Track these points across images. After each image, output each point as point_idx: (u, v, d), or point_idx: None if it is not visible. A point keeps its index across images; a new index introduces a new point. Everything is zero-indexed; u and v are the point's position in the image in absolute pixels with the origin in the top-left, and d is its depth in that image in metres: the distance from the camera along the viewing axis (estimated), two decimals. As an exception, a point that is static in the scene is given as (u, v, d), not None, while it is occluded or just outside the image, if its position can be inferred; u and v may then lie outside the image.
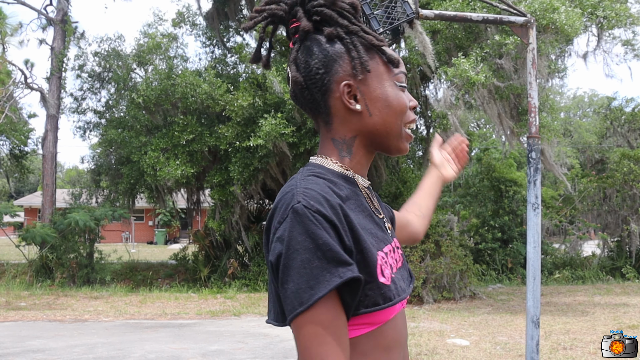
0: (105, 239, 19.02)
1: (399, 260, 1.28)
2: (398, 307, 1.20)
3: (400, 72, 1.29)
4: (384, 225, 1.28)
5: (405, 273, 1.30)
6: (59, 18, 16.89)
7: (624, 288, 13.85)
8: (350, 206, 1.16)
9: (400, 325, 1.23)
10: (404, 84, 1.29)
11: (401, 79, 1.28)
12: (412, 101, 1.31)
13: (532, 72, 4.63)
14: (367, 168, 1.31)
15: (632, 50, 12.82)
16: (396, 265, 1.24)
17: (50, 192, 16.34)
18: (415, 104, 1.31)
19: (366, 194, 1.28)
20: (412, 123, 1.30)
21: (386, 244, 1.23)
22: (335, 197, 1.10)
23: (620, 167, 16.19)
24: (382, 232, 1.25)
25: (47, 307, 11.35)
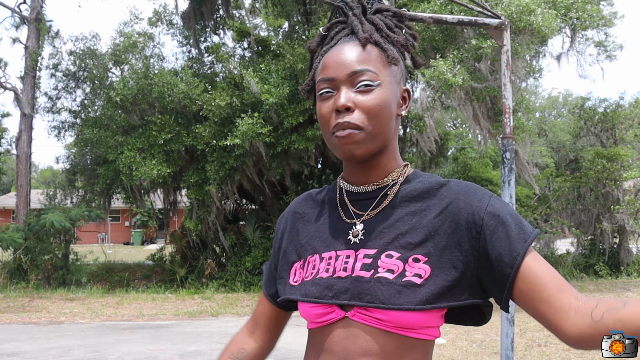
0: (81, 240, 18.84)
1: (348, 268, 1.20)
2: (331, 316, 1.20)
3: (319, 81, 1.25)
4: (346, 231, 1.25)
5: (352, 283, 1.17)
6: (33, 16, 16.67)
7: (597, 285, 14.07)
8: (308, 214, 1.38)
9: (338, 337, 1.19)
10: (323, 91, 1.24)
11: (320, 87, 1.25)
12: (337, 102, 1.20)
13: (507, 73, 4.70)
14: (354, 174, 1.30)
15: (605, 52, 13.03)
16: (335, 271, 1.21)
17: (25, 193, 16.13)
18: (342, 104, 1.19)
19: (341, 199, 1.32)
20: (336, 129, 1.21)
21: (331, 250, 1.26)
22: (290, 209, 1.44)
23: (594, 165, 16.44)
24: (335, 238, 1.27)
25: (22, 310, 11.22)
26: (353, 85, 1.21)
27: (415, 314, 1.13)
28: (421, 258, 1.16)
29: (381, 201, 1.26)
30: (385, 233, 1.21)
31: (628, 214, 16.07)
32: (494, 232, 1.15)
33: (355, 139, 1.20)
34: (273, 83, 12.23)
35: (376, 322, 1.15)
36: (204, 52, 17.11)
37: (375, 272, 1.16)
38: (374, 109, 1.20)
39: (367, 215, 1.25)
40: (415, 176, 1.30)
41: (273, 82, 12.25)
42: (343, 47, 1.24)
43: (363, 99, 1.20)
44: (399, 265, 1.16)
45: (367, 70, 1.21)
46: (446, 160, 18.01)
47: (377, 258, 1.18)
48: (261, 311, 1.47)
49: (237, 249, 15.13)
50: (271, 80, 12.32)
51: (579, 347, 1.13)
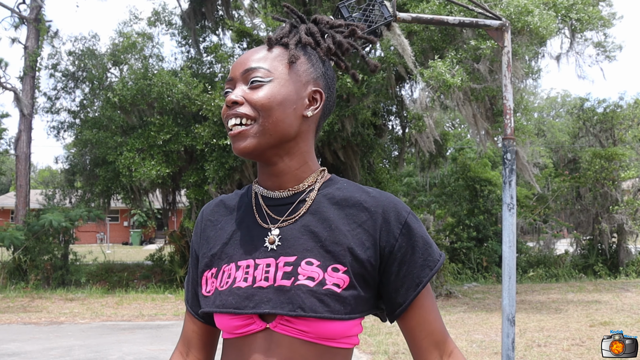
0: (80, 240, 18.81)
1: (270, 278, 1.18)
2: (251, 327, 1.18)
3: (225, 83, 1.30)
4: (262, 238, 1.24)
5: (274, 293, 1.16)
6: (32, 16, 16.67)
7: (596, 285, 14.10)
8: (220, 220, 1.34)
9: (259, 348, 1.17)
10: (226, 91, 1.28)
11: (224, 89, 1.29)
12: (227, 99, 1.24)
13: (507, 74, 4.71)
14: (267, 178, 1.29)
15: (604, 52, 13.05)
16: (256, 281, 1.19)
17: (24, 193, 16.12)
18: (229, 98, 1.23)
19: (257, 204, 1.30)
20: (226, 119, 1.24)
21: (248, 258, 1.23)
22: (201, 217, 1.38)
23: (592, 166, 16.47)
24: (251, 245, 1.24)
25: (22, 310, 11.22)
26: (246, 82, 1.24)
27: (337, 323, 1.15)
28: (340, 268, 1.17)
29: (298, 207, 1.25)
30: (303, 240, 1.20)
31: (627, 214, 16.11)
32: (405, 255, 1.21)
33: (243, 133, 1.21)
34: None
35: (298, 332, 1.15)
36: (203, 52, 17.12)
37: (295, 280, 1.16)
38: (261, 101, 1.21)
39: (283, 222, 1.24)
40: (333, 182, 1.30)
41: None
42: (249, 50, 1.30)
43: (252, 94, 1.22)
44: (319, 273, 1.16)
45: (259, 67, 1.23)
46: (445, 160, 18.02)
47: (297, 265, 1.17)
48: (191, 330, 1.37)
49: (236, 249, 15.11)
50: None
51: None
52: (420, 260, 1.21)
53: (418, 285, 1.21)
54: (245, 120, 1.21)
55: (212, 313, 1.24)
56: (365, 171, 15.09)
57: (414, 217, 1.24)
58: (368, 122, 13.35)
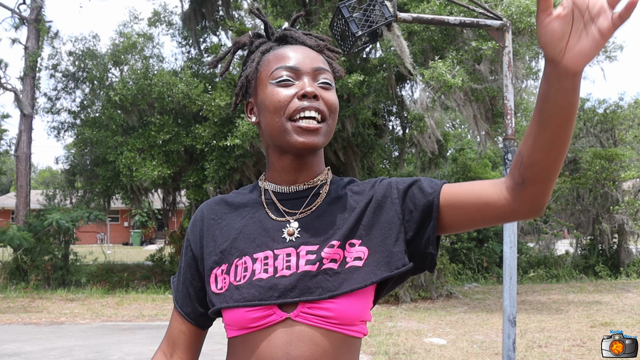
0: (81, 241, 18.83)
1: (292, 266, 1.19)
2: (271, 319, 1.17)
3: (276, 69, 1.26)
4: (279, 230, 1.25)
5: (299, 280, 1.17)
6: (32, 17, 16.67)
7: (596, 286, 14.09)
8: (224, 218, 1.32)
9: (279, 342, 1.16)
10: (283, 78, 1.25)
11: (277, 75, 1.25)
12: (304, 88, 1.23)
13: (508, 74, 4.71)
14: (286, 172, 1.30)
15: (604, 52, 13.04)
16: (277, 271, 1.19)
17: (25, 194, 16.12)
18: (306, 91, 1.22)
19: (268, 199, 1.31)
20: (296, 113, 1.22)
21: (265, 250, 1.23)
22: (201, 216, 1.36)
23: (593, 166, 16.46)
24: (267, 237, 1.25)
25: (22, 310, 11.22)
26: (315, 80, 1.26)
27: (360, 300, 1.18)
28: (355, 242, 1.22)
29: (313, 199, 1.29)
30: (323, 229, 1.24)
31: (627, 214, 16.09)
32: (409, 189, 1.26)
33: (319, 130, 1.22)
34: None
35: (320, 320, 1.16)
36: (203, 53, 17.13)
37: (320, 265, 1.18)
38: (334, 105, 1.26)
39: (301, 214, 1.27)
40: (336, 179, 1.36)
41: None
42: (300, 47, 1.30)
43: (326, 93, 1.25)
44: (340, 254, 1.20)
45: (327, 70, 1.29)
46: (445, 160, 18.00)
47: (320, 251, 1.20)
48: (179, 330, 1.35)
49: (236, 249, 15.11)
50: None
51: (523, 204, 1.13)
52: (425, 183, 1.28)
53: (434, 189, 1.25)
54: (320, 117, 1.23)
55: (218, 310, 1.24)
56: (365, 172, 15.08)
57: (395, 179, 1.32)
58: (368, 122, 13.34)
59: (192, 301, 1.33)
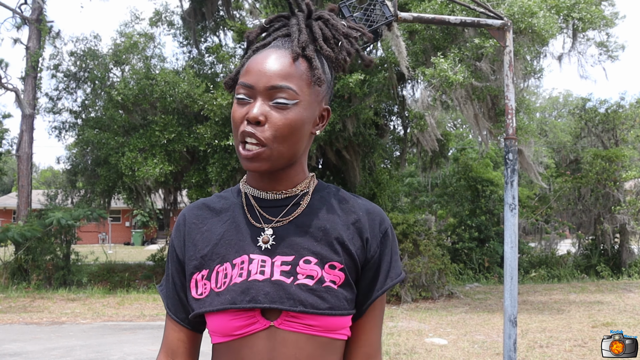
0: (82, 240, 18.84)
1: (266, 272, 1.19)
2: (254, 327, 1.17)
3: (239, 84, 1.22)
4: (255, 237, 1.24)
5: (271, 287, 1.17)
6: (34, 17, 16.68)
7: (598, 286, 14.07)
8: (206, 222, 1.30)
9: (262, 348, 1.17)
10: (239, 96, 1.21)
11: (238, 91, 1.22)
12: (250, 112, 1.18)
13: (509, 74, 4.70)
14: (260, 180, 1.28)
15: (606, 52, 13.01)
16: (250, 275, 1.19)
17: (26, 194, 16.13)
18: (253, 116, 1.17)
19: (248, 204, 1.29)
20: (242, 137, 1.19)
21: (242, 254, 1.22)
22: (183, 220, 1.33)
23: (593, 167, 16.44)
24: (244, 242, 1.24)
25: (24, 310, 11.22)
26: (270, 99, 1.19)
27: (337, 318, 1.19)
28: (337, 265, 1.21)
29: (292, 209, 1.27)
30: (299, 241, 1.22)
31: (629, 214, 16.07)
32: (379, 261, 1.27)
33: (259, 156, 1.19)
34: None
35: (305, 327, 1.17)
36: (204, 53, 17.13)
37: (295, 279, 1.18)
38: (283, 129, 1.19)
39: (277, 222, 1.25)
40: (323, 187, 1.33)
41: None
42: (270, 54, 1.22)
43: (276, 116, 1.18)
44: (318, 271, 1.19)
45: (286, 87, 1.19)
46: (447, 160, 18.00)
47: (296, 265, 1.19)
48: (176, 338, 1.32)
49: (237, 249, 15.10)
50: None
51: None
52: (386, 269, 1.28)
53: (379, 290, 1.26)
54: (259, 143, 1.19)
55: (202, 316, 1.24)
56: (366, 172, 15.07)
57: (392, 230, 1.31)
58: (370, 122, 13.33)
59: (185, 307, 1.31)
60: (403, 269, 1.35)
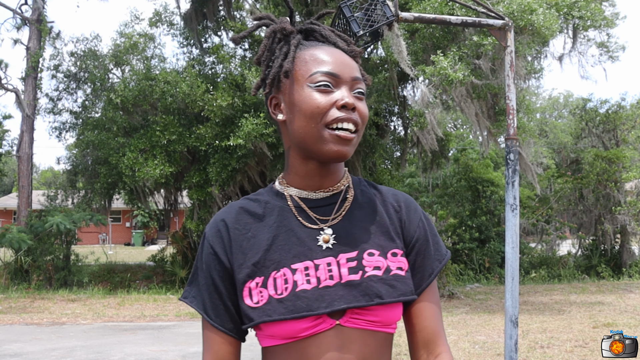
0: (82, 241, 18.84)
1: (335, 276, 1.19)
2: (321, 327, 1.17)
3: (315, 72, 1.23)
4: (314, 238, 1.24)
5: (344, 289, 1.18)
6: (34, 18, 16.68)
7: (599, 287, 14.06)
8: (249, 229, 1.27)
9: (330, 346, 1.17)
10: (323, 83, 1.22)
11: (316, 79, 1.22)
12: (341, 100, 1.21)
13: (510, 74, 4.69)
14: (310, 178, 1.28)
15: (607, 52, 13.00)
16: (320, 282, 1.19)
17: (26, 194, 16.13)
18: (345, 102, 1.20)
19: (297, 206, 1.28)
20: (335, 122, 1.20)
21: (304, 260, 1.21)
22: (223, 226, 1.28)
23: (594, 167, 16.44)
24: (303, 247, 1.23)
25: (24, 311, 11.21)
26: (352, 89, 1.25)
27: (398, 306, 1.23)
28: (398, 252, 1.26)
29: (341, 205, 1.29)
30: (357, 235, 1.25)
31: (630, 215, 16.06)
32: (421, 246, 1.30)
33: (352, 140, 1.23)
34: (274, 83, 12.19)
35: (368, 324, 1.19)
36: (204, 53, 17.12)
37: (364, 273, 1.20)
38: (366, 116, 1.26)
39: (333, 220, 1.26)
40: (358, 181, 1.37)
41: (274, 83, 12.21)
42: (336, 50, 1.28)
43: (360, 104, 1.25)
44: (383, 262, 1.22)
45: (363, 79, 1.28)
46: (447, 161, 17.99)
47: (361, 259, 1.22)
48: (227, 351, 1.26)
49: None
50: (273, 81, 12.28)
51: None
52: (432, 252, 1.31)
53: (430, 274, 1.29)
54: (354, 129, 1.23)
55: (258, 324, 1.20)
56: (367, 172, 15.06)
57: (425, 214, 1.35)
58: (370, 122, 13.32)
59: (233, 316, 1.26)
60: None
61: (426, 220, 1.33)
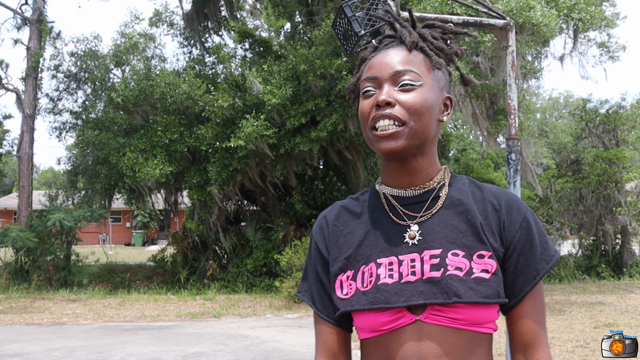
0: (83, 241, 18.81)
1: (417, 272, 1.22)
2: (401, 321, 1.20)
3: (362, 81, 1.32)
4: (401, 234, 1.27)
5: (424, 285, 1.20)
6: (34, 18, 16.68)
7: (599, 287, 14.05)
8: (347, 225, 1.35)
9: (410, 341, 1.20)
10: (366, 89, 1.29)
11: (362, 87, 1.31)
12: (377, 97, 1.26)
13: (512, 74, 4.69)
14: (398, 176, 1.32)
15: (607, 53, 13.01)
16: (402, 277, 1.22)
17: (27, 194, 16.13)
18: (382, 99, 1.24)
19: (389, 204, 1.32)
20: (374, 121, 1.26)
21: (389, 255, 1.26)
22: (324, 223, 1.39)
23: (594, 168, 16.42)
24: (390, 243, 1.27)
25: (24, 311, 11.21)
26: (396, 84, 1.26)
27: (487, 307, 1.20)
28: (485, 254, 1.22)
29: (433, 203, 1.30)
30: (445, 233, 1.25)
31: (630, 215, 16.05)
32: (524, 247, 1.25)
33: (397, 134, 1.23)
34: (275, 84, 12.20)
35: (449, 321, 1.19)
36: (205, 53, 17.11)
37: (445, 271, 1.20)
38: (415, 105, 1.24)
39: (421, 217, 1.28)
40: (456, 179, 1.36)
41: (275, 83, 12.22)
42: (389, 51, 1.31)
43: (405, 96, 1.25)
44: (466, 263, 1.21)
45: (409, 70, 1.26)
46: (448, 161, 18.00)
47: (444, 257, 1.22)
48: (334, 340, 1.34)
49: (238, 250, 15.12)
50: (274, 81, 12.29)
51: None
52: (538, 253, 1.26)
53: (535, 277, 1.25)
54: (394, 122, 1.24)
55: (349, 315, 1.28)
56: (368, 172, 15.06)
57: (532, 213, 1.30)
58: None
59: (334, 306, 1.34)
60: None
61: (533, 219, 1.29)
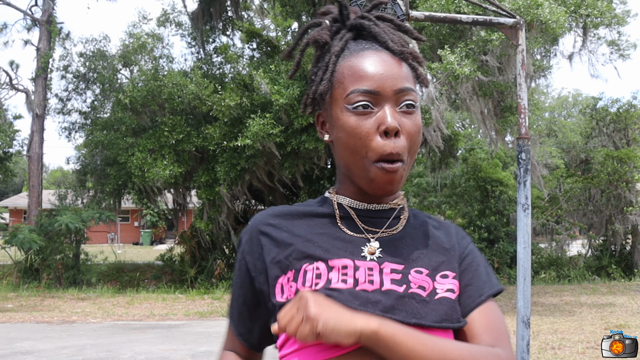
0: (91, 240, 18.90)
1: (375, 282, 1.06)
2: None
3: (352, 92, 1.08)
4: (358, 246, 1.11)
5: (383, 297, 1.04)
6: (44, 19, 16.75)
7: (609, 287, 13.97)
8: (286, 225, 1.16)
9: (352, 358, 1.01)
10: (361, 104, 1.07)
11: (353, 100, 1.08)
12: (385, 123, 1.05)
13: (522, 73, 4.66)
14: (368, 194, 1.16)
15: (617, 51, 12.91)
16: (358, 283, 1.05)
17: (37, 194, 16.21)
18: (393, 126, 1.05)
19: (344, 215, 1.16)
20: (381, 151, 1.06)
21: (343, 257, 1.09)
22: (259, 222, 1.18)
23: (605, 167, 16.33)
24: (344, 251, 1.11)
25: (34, 309, 11.27)
26: (397, 103, 1.08)
27: (446, 330, 1.07)
28: (449, 274, 1.12)
29: (395, 222, 1.17)
30: (407, 251, 1.12)
31: (641, 215, 15.96)
32: (470, 269, 1.15)
33: (399, 176, 1.09)
34: (283, 84, 12.22)
35: None
36: (212, 53, 17.13)
37: (408, 288, 1.06)
38: (415, 135, 1.10)
39: (382, 233, 1.14)
40: (407, 205, 1.25)
41: (283, 83, 12.24)
42: (383, 55, 1.11)
43: (407, 122, 1.08)
44: (429, 282, 1.08)
45: (411, 89, 1.10)
46: (455, 160, 17.94)
47: (407, 274, 1.08)
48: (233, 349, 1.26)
49: (246, 249, 15.11)
50: (281, 81, 12.31)
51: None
52: (483, 277, 1.16)
53: (480, 296, 1.12)
54: (400, 157, 1.08)
55: (266, 332, 1.14)
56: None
57: (474, 245, 1.23)
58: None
59: (245, 320, 1.21)
60: None
61: (475, 250, 1.19)
